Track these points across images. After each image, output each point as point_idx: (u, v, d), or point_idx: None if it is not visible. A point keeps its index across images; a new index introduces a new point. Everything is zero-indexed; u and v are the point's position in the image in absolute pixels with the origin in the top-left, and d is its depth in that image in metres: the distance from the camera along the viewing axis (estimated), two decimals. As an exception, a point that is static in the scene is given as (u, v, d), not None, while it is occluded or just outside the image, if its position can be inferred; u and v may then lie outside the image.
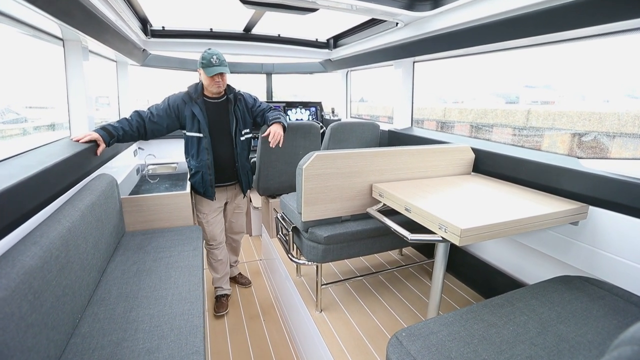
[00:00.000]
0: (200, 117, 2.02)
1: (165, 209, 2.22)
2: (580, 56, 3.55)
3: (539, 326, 1.16)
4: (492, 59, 2.25)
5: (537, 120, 8.49)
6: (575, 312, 1.23)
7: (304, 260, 1.89)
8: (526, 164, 1.73)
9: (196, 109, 2.03)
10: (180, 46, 3.10)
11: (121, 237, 2.05)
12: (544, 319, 1.20)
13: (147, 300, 1.47)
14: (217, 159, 2.13)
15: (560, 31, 1.45)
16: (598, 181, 1.43)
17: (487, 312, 1.23)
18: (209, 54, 1.94)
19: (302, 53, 3.55)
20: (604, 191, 1.42)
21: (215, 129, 2.09)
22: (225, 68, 1.97)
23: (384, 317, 1.87)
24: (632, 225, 1.33)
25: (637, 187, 1.31)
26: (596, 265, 1.46)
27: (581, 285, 1.38)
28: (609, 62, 4.13)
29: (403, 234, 1.40)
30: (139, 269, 1.71)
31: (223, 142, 2.12)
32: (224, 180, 2.23)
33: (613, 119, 6.69)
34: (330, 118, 4.09)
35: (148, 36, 2.85)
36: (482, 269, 2.03)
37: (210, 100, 2.09)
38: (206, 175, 2.12)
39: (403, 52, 2.51)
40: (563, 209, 1.43)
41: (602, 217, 1.43)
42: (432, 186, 1.74)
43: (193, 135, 2.06)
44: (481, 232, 1.24)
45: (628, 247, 1.35)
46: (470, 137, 2.40)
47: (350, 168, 1.71)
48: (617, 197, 1.38)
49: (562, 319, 1.20)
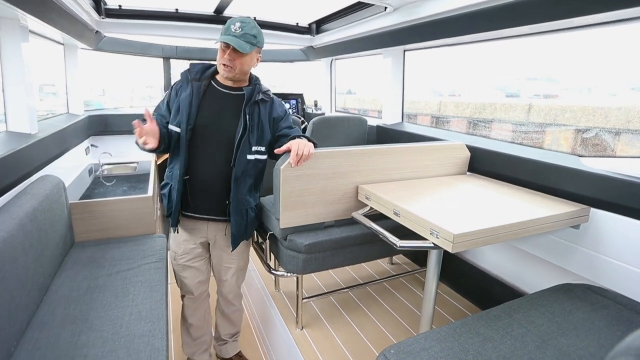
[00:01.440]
0: (185, 103, 1.52)
1: (122, 216, 2.16)
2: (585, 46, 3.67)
3: (538, 339, 1.19)
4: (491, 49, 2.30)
5: (539, 115, 8.78)
6: (576, 323, 1.27)
7: (282, 271, 1.88)
8: (524, 163, 1.78)
9: (184, 92, 1.55)
10: (140, 28, 3.03)
11: (69, 249, 1.99)
12: (544, 331, 1.23)
13: (100, 321, 1.42)
14: (199, 175, 1.57)
15: (562, 19, 1.49)
16: (600, 181, 1.49)
17: (483, 325, 1.25)
18: (233, 19, 1.47)
19: (280, 39, 3.54)
20: (606, 192, 1.47)
21: (209, 129, 1.55)
22: (242, 43, 1.43)
23: (372, 333, 1.88)
24: (637, 229, 1.39)
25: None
26: (599, 272, 1.51)
27: (583, 293, 1.43)
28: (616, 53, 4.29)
29: (391, 241, 1.41)
30: (91, 285, 1.66)
31: (217, 152, 1.56)
32: (203, 209, 1.64)
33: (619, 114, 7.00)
34: (312, 112, 4.10)
35: (102, 16, 2.78)
36: (478, 277, 2.08)
37: (219, 89, 1.59)
38: (174, 191, 1.59)
39: (392, 40, 2.54)
40: (563, 211, 1.48)
41: (605, 219, 1.49)
42: (423, 187, 1.77)
43: (173, 128, 1.56)
44: (476, 238, 1.27)
45: (633, 252, 1.41)
46: (467, 134, 2.45)
47: (334, 168, 1.71)
48: (620, 198, 1.43)
49: (562, 331, 1.24)
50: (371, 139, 3.00)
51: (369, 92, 11.52)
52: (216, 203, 1.62)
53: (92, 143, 3.29)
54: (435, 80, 11.97)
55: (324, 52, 3.64)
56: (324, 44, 3.48)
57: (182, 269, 1.76)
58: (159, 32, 3.10)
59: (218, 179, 1.58)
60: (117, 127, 3.40)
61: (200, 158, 1.56)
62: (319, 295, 2.14)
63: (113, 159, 3.27)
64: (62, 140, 2.35)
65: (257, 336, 2.33)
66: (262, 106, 1.60)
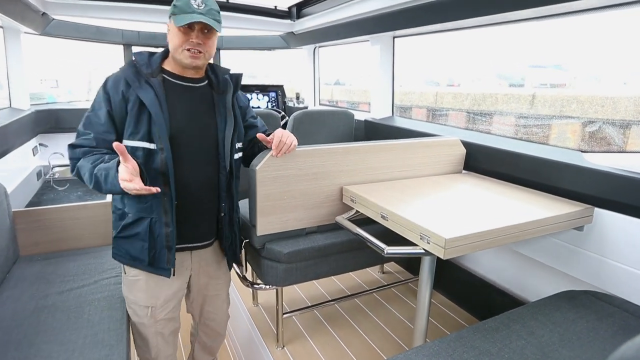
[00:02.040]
0: (154, 107, 1.31)
1: (77, 225, 2.13)
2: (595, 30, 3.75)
3: (539, 352, 1.22)
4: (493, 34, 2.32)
5: (544, 106, 8.99)
6: (580, 333, 1.31)
7: (261, 283, 1.87)
8: (523, 160, 1.82)
9: (146, 94, 1.31)
10: (95, 10, 2.98)
11: (12, 265, 1.95)
12: (544, 343, 1.26)
13: (49, 346, 1.39)
14: (184, 193, 1.40)
15: (565, 2, 1.52)
16: (604, 179, 1.54)
17: (479, 338, 1.28)
18: None
19: (258, 24, 3.54)
20: (611, 190, 1.52)
21: (183, 134, 1.38)
22: (214, 21, 1.31)
23: (360, 350, 1.89)
24: None
25: None
26: (604, 277, 1.56)
27: (587, 301, 1.48)
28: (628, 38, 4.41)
29: (378, 247, 1.43)
30: (38, 305, 1.63)
31: (197, 160, 1.42)
32: (193, 236, 1.49)
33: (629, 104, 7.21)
34: (294, 105, 4.10)
35: None
36: (477, 286, 2.11)
37: (176, 82, 1.41)
38: (159, 225, 1.37)
39: (380, 25, 2.57)
40: (565, 212, 1.52)
41: (610, 220, 1.54)
42: (414, 188, 1.79)
43: (137, 145, 1.32)
44: (470, 242, 1.29)
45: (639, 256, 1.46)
46: (464, 129, 2.49)
47: (316, 168, 1.72)
48: (626, 197, 1.48)
49: (564, 342, 1.27)
50: (359, 135, 3.02)
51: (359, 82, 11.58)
52: (208, 222, 1.52)
53: (40, 142, 3.22)
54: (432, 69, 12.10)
55: (306, 38, 3.65)
56: (305, 29, 3.49)
57: (162, 326, 1.53)
58: (118, 15, 3.06)
59: (208, 193, 1.47)
60: (70, 123, 3.33)
61: (184, 173, 1.38)
62: (302, 310, 2.14)
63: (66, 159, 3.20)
64: (3, 138, 2.29)
65: (233, 357, 2.32)
66: (237, 96, 1.56)
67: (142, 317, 1.51)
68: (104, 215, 2.15)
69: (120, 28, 3.61)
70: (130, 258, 1.44)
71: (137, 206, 1.38)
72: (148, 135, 1.32)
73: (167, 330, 1.56)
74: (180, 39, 1.32)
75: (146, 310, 1.49)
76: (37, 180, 2.79)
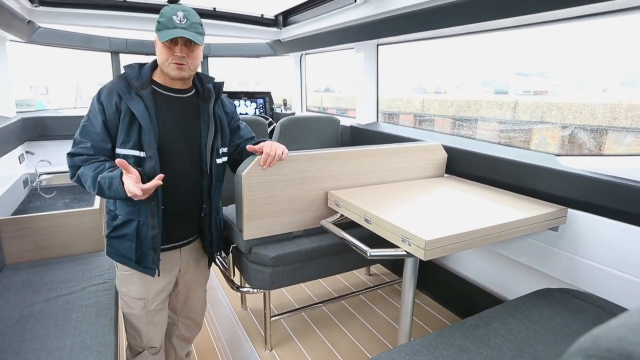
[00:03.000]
0: (144, 118, 1.38)
1: (64, 232, 2.11)
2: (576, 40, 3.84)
3: (515, 348, 1.26)
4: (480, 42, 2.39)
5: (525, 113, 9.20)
6: (554, 329, 1.35)
7: (248, 287, 1.89)
8: (502, 164, 1.88)
9: (137, 105, 1.39)
10: (82, 19, 2.97)
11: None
12: (521, 339, 1.30)
13: (35, 354, 1.38)
14: (171, 197, 1.48)
15: (549, 10, 1.57)
16: (576, 181, 1.60)
17: (459, 336, 1.31)
18: (172, 10, 1.37)
19: (244, 32, 3.56)
20: (583, 192, 1.58)
21: (172, 142, 1.47)
22: (196, 35, 1.39)
23: (347, 351, 1.92)
24: (614, 230, 1.49)
25: (618, 187, 1.47)
26: (578, 275, 1.62)
27: (562, 298, 1.52)
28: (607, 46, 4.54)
29: (362, 250, 1.46)
30: (24, 313, 1.61)
31: (183, 166, 1.50)
32: (179, 235, 1.59)
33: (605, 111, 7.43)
34: (281, 112, 4.13)
35: (34, 4, 2.70)
36: (459, 286, 2.16)
37: (165, 93, 1.48)
38: (146, 228, 1.45)
39: (364, 33, 2.62)
40: (540, 213, 1.57)
41: (583, 220, 1.59)
42: (397, 192, 1.83)
43: (128, 153, 1.40)
44: (449, 244, 1.33)
45: (610, 254, 1.51)
46: (447, 134, 2.55)
47: (301, 173, 1.75)
48: (597, 198, 1.54)
49: (540, 337, 1.31)
50: (345, 141, 3.06)
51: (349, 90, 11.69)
52: (192, 222, 1.60)
53: (27, 150, 3.18)
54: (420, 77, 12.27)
55: (292, 46, 3.68)
56: (292, 37, 3.53)
57: (154, 315, 1.61)
58: (104, 23, 3.05)
59: (193, 196, 1.55)
60: (57, 131, 3.30)
61: (171, 178, 1.42)
62: (290, 312, 2.15)
63: (53, 167, 3.17)
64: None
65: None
66: (221, 104, 1.62)
67: (134, 309, 1.58)
68: (91, 222, 2.13)
69: (108, 36, 3.59)
70: (121, 256, 1.52)
71: (127, 209, 1.46)
72: (138, 144, 1.40)
73: (158, 319, 1.64)
74: (166, 54, 1.39)
75: (139, 302, 1.57)
76: (23, 188, 2.75)
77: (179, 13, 1.37)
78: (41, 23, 3.05)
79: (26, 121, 3.07)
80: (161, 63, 1.43)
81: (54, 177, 3.09)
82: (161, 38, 1.36)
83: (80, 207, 2.20)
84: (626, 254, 1.47)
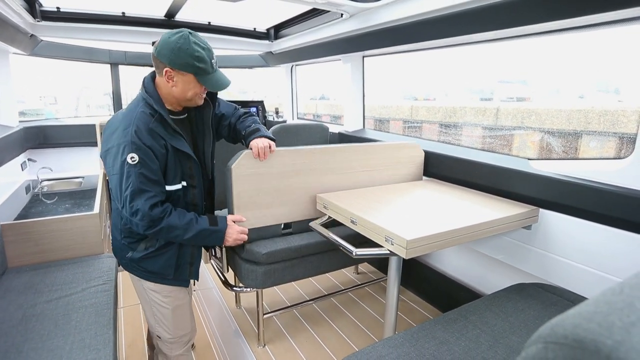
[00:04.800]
0: (191, 152, 1.45)
1: (65, 236, 2.10)
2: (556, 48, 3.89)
3: (491, 339, 1.29)
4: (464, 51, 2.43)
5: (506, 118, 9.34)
6: (527, 321, 1.39)
7: (242, 286, 1.90)
8: (478, 167, 1.92)
9: (180, 144, 1.42)
10: (83, 32, 2.98)
11: (1, 276, 1.91)
12: (497, 331, 1.33)
13: (36, 353, 1.38)
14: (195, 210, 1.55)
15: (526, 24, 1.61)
16: (546, 183, 1.64)
17: (439, 329, 1.34)
18: (207, 52, 1.36)
19: (238, 44, 3.59)
20: (552, 193, 1.63)
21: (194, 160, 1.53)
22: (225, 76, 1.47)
23: (336, 345, 1.93)
24: (580, 228, 1.54)
25: (583, 188, 1.52)
26: (549, 270, 1.66)
27: (535, 292, 1.56)
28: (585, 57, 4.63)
29: (348, 249, 1.48)
30: (26, 314, 1.61)
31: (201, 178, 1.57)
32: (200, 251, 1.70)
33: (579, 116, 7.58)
34: (274, 120, 4.15)
35: (37, 18, 2.70)
36: (441, 282, 2.19)
37: (177, 118, 1.49)
38: (186, 246, 1.53)
39: (351, 46, 2.66)
40: (514, 213, 1.61)
41: (553, 220, 1.64)
42: (380, 195, 1.86)
43: (175, 188, 1.44)
44: (429, 242, 1.36)
45: (577, 250, 1.56)
46: (429, 140, 2.59)
47: (287, 167, 1.79)
48: (564, 199, 1.59)
49: (514, 329, 1.34)
50: None
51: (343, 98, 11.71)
52: None
53: (29, 157, 3.16)
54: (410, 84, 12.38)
55: (283, 57, 3.72)
56: (283, 49, 3.56)
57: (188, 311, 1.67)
58: (104, 36, 3.06)
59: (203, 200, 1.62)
60: (58, 139, 3.29)
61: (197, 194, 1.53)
62: (282, 310, 2.17)
63: (54, 174, 3.16)
64: None
65: (217, 356, 2.32)
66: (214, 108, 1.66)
67: (182, 299, 1.59)
68: (91, 227, 2.13)
69: (108, 48, 3.60)
70: (152, 274, 1.51)
71: None
72: (185, 175, 1.47)
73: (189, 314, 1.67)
74: (198, 89, 1.40)
75: (185, 291, 1.61)
76: (25, 194, 2.74)
77: (214, 57, 1.40)
78: (43, 37, 3.05)
79: (28, 130, 3.07)
80: (187, 97, 1.40)
81: (55, 183, 3.08)
82: (209, 86, 1.40)
83: (81, 212, 2.20)
84: (591, 249, 1.52)
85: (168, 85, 1.37)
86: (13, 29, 2.42)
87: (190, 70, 1.34)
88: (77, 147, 3.34)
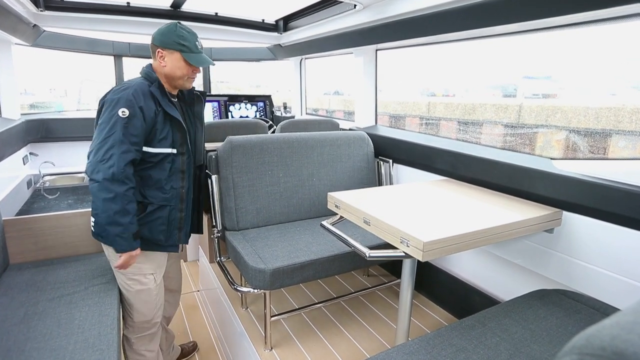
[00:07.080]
0: (180, 119, 1.69)
1: (68, 233, 2.14)
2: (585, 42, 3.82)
3: (511, 347, 1.29)
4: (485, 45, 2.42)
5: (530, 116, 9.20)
6: (549, 329, 1.38)
7: (248, 287, 1.92)
8: (498, 167, 1.91)
9: (173, 110, 1.67)
10: (86, 23, 3.03)
11: (2, 273, 1.95)
12: (517, 339, 1.33)
13: (39, 352, 1.40)
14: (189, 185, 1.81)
15: (538, 18, 1.61)
16: (571, 184, 1.63)
17: (456, 336, 1.34)
18: (191, 35, 1.64)
19: (246, 36, 3.61)
20: (577, 195, 1.61)
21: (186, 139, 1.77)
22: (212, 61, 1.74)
23: (346, 351, 1.94)
24: (607, 232, 1.52)
25: (611, 190, 1.50)
26: (573, 277, 1.65)
27: (557, 299, 1.55)
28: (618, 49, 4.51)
29: (361, 251, 1.49)
30: (28, 312, 1.63)
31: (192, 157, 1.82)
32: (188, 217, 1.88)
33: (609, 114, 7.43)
34: (282, 114, 4.17)
35: (40, 8, 2.76)
36: (456, 287, 2.19)
37: (173, 99, 1.75)
38: (175, 211, 1.75)
39: (363, 39, 2.66)
40: (536, 215, 1.60)
41: (577, 223, 1.63)
42: (395, 194, 1.87)
43: (162, 152, 1.65)
44: (447, 245, 1.36)
45: (604, 256, 1.54)
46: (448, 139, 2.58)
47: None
48: (591, 201, 1.57)
49: (535, 338, 1.34)
50: None
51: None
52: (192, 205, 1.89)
53: (31, 151, 3.23)
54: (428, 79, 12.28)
55: (292, 50, 3.73)
56: (292, 42, 3.57)
57: (160, 288, 1.85)
58: (108, 27, 3.10)
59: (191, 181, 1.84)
60: (60, 133, 3.35)
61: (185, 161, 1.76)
62: (289, 313, 2.18)
63: (56, 168, 3.22)
64: None
65: (222, 359, 2.35)
66: None
67: (147, 284, 1.77)
68: None
69: (111, 40, 3.65)
70: (150, 240, 1.70)
71: (161, 196, 1.70)
72: (172, 142, 1.68)
73: (162, 292, 1.88)
74: (186, 71, 1.66)
75: (151, 276, 1.78)
76: (27, 189, 2.80)
77: (198, 40, 1.66)
78: (46, 27, 3.11)
79: (30, 123, 3.13)
80: (177, 76, 1.66)
81: (57, 178, 3.14)
82: (192, 61, 1.63)
83: (83, 207, 2.24)
84: (619, 255, 1.50)
85: (160, 65, 1.64)
86: (16, 18, 2.47)
87: (176, 48, 1.61)
88: (80, 141, 3.40)
